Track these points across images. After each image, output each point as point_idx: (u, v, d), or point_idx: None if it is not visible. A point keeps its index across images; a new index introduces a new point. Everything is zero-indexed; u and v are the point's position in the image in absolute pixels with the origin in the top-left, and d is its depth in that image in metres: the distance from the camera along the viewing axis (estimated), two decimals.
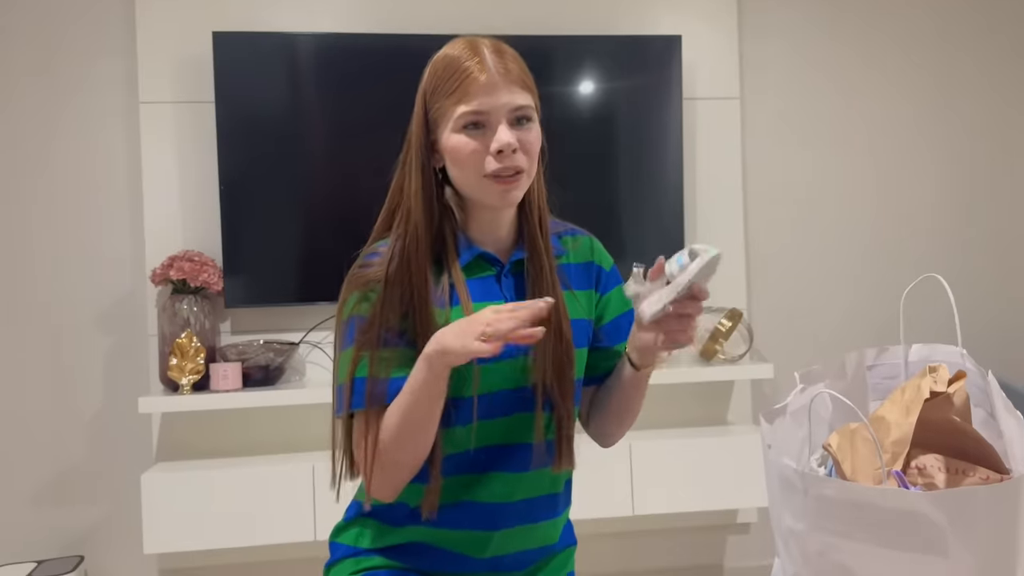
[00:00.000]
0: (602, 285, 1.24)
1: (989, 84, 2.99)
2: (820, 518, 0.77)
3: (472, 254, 1.13)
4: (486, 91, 1.05)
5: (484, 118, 1.06)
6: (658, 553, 2.79)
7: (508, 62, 1.08)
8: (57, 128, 2.54)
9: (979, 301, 2.98)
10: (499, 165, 1.06)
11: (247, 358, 2.45)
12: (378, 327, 1.07)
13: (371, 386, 1.06)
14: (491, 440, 1.13)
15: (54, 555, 2.52)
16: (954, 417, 0.86)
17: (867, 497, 0.73)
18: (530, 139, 1.09)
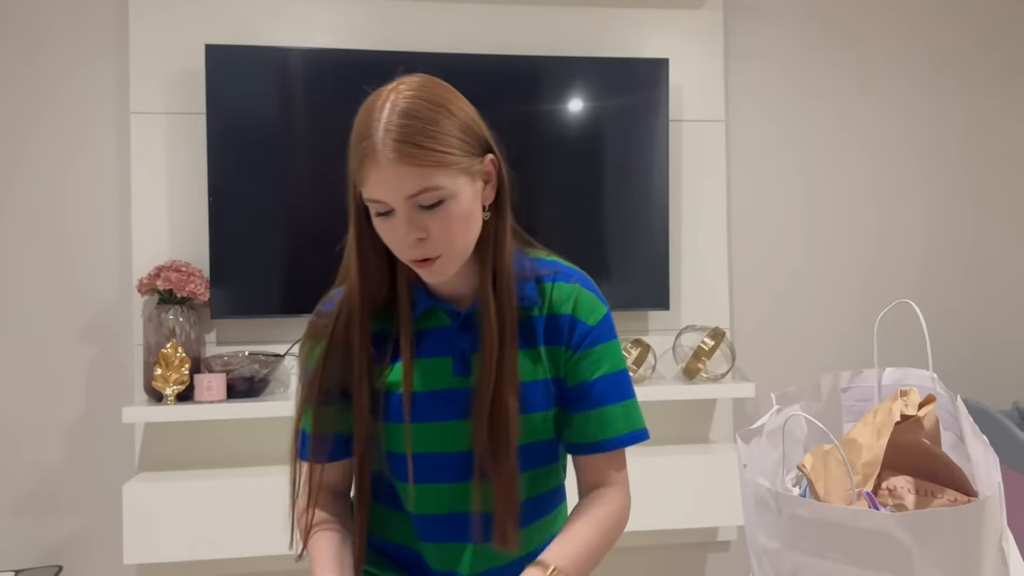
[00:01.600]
0: (575, 341, 1.09)
1: (978, 107, 3.05)
2: (793, 537, 0.80)
3: (426, 305, 1.09)
4: (381, 180, 0.95)
5: (386, 205, 0.97)
6: (640, 571, 2.81)
7: (403, 139, 0.94)
8: (47, 136, 2.54)
9: (961, 326, 3.02)
10: (409, 253, 1.00)
11: (232, 369, 2.45)
12: (319, 383, 1.06)
13: (313, 441, 1.07)
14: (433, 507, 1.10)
15: (32, 564, 2.51)
16: (924, 440, 0.88)
17: (838, 517, 0.75)
18: (443, 222, 0.97)
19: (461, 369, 1.07)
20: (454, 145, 0.97)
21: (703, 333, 2.75)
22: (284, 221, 2.54)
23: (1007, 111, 3.07)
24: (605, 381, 1.09)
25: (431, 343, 1.08)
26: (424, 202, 0.96)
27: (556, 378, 1.10)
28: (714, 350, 2.71)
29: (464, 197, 0.99)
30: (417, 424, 1.07)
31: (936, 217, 3.03)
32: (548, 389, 1.09)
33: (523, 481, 1.10)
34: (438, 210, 0.97)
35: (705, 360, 2.71)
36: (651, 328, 2.81)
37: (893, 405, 0.88)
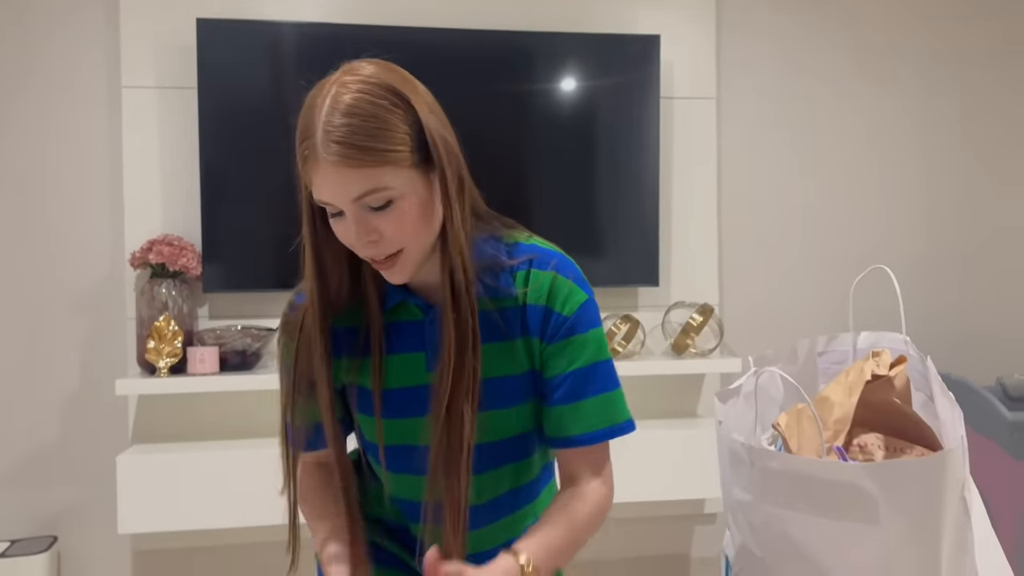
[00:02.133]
0: (549, 332, 1.04)
1: (971, 85, 3.06)
2: (765, 490, 0.82)
3: (397, 299, 1.05)
4: (326, 183, 0.91)
5: (336, 208, 0.94)
6: (627, 543, 2.85)
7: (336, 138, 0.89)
8: (38, 111, 2.55)
9: (951, 304, 3.06)
10: (365, 254, 0.96)
11: (224, 343, 2.47)
12: (294, 376, 1.04)
13: (295, 432, 1.06)
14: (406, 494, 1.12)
15: (27, 535, 2.54)
16: (895, 399, 0.91)
17: (808, 469, 0.78)
18: (389, 222, 0.93)
19: (434, 364, 1.01)
20: (401, 141, 0.91)
21: (692, 309, 2.78)
22: (276, 195, 2.54)
23: (1001, 86, 3.08)
24: (581, 373, 1.03)
25: (403, 338, 1.05)
26: (372, 203, 0.92)
27: (533, 371, 1.06)
28: (702, 326, 2.74)
29: (417, 194, 0.93)
30: (389, 420, 1.06)
31: (928, 196, 3.06)
32: (525, 383, 1.05)
33: (496, 476, 1.09)
34: (389, 211, 0.92)
35: (693, 336, 2.74)
36: (641, 304, 2.84)
37: (865, 365, 0.90)
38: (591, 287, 1.07)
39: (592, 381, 1.04)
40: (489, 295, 1.02)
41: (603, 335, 1.06)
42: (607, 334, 2.66)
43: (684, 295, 2.85)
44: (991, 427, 2.22)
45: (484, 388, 1.02)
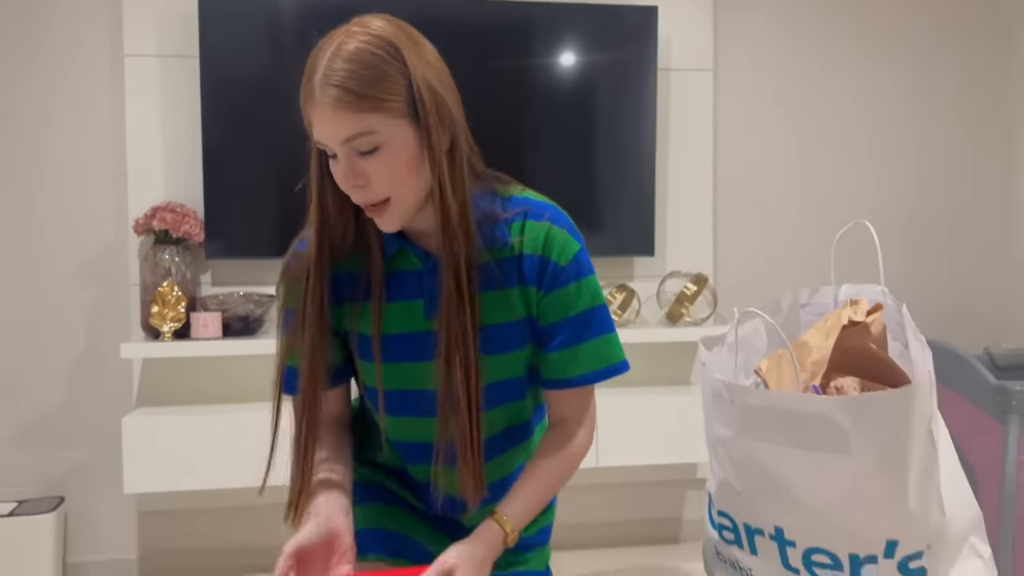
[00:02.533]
0: (547, 281, 1.08)
1: (962, 62, 3.09)
2: (744, 424, 0.87)
3: (395, 247, 1.08)
4: (321, 123, 0.96)
5: (330, 150, 0.99)
6: (620, 506, 2.92)
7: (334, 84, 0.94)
8: (41, 79, 2.57)
9: (941, 276, 3.11)
10: (355, 198, 1.00)
11: (227, 308, 2.52)
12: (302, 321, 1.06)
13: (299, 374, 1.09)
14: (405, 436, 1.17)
15: (35, 495, 2.60)
16: (871, 345, 0.96)
17: (784, 403, 0.83)
18: (377, 167, 0.97)
19: (432, 312, 1.07)
20: (395, 92, 0.95)
21: (686, 279, 2.82)
22: (278, 163, 2.58)
23: (991, 66, 3.11)
24: (579, 319, 1.08)
25: (403, 285, 1.08)
26: (360, 147, 0.96)
27: (529, 318, 1.10)
28: (697, 295, 2.79)
29: (406, 145, 0.97)
30: (389, 364, 1.10)
31: (918, 168, 3.09)
32: (520, 329, 1.09)
33: (492, 416, 1.13)
34: (375, 156, 0.96)
35: (688, 305, 2.79)
36: (636, 274, 2.89)
37: (843, 312, 0.95)
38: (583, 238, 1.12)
39: (589, 326, 1.09)
40: (486, 246, 1.06)
41: (597, 282, 1.11)
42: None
43: (679, 265, 2.89)
44: (977, 393, 2.27)
45: (482, 334, 1.06)
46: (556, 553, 2.82)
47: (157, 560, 2.64)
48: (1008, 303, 3.17)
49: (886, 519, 0.84)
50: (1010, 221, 3.17)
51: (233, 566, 2.68)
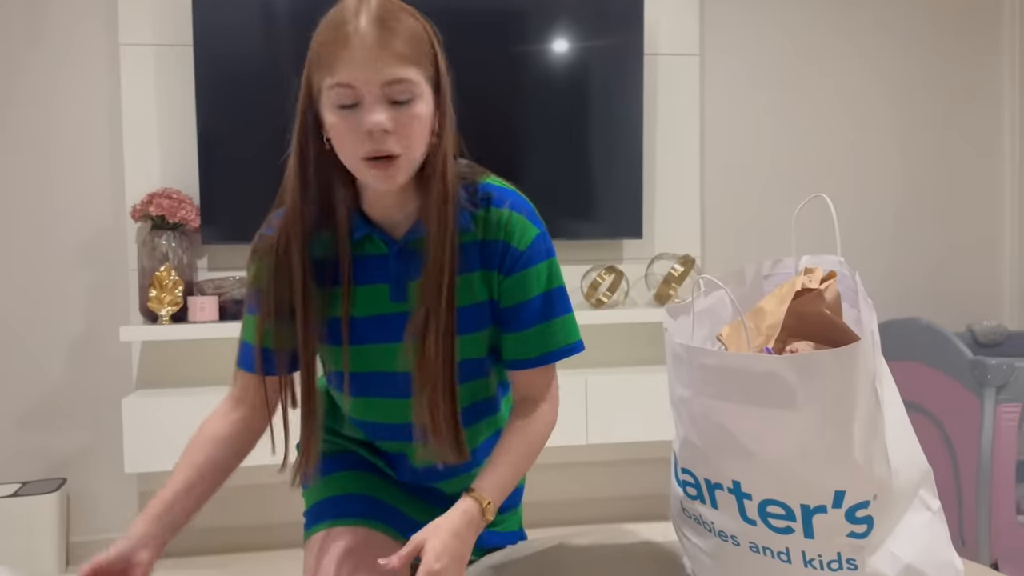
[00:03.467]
0: (507, 266, 1.11)
1: (948, 46, 3.14)
2: (702, 384, 0.93)
3: (363, 232, 1.10)
4: (356, 63, 0.95)
5: (355, 94, 0.97)
6: (610, 482, 2.98)
7: (388, 29, 0.96)
8: (38, 68, 2.62)
9: (926, 256, 3.16)
10: (368, 149, 0.99)
11: (223, 292, 2.58)
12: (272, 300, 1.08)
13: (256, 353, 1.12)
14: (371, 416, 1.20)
15: (38, 477, 2.66)
16: (825, 311, 1.01)
17: (736, 362, 0.88)
18: (409, 120, 0.99)
19: (398, 295, 1.10)
20: (429, 59, 1.01)
21: (674, 260, 2.87)
22: (272, 150, 2.62)
23: (975, 50, 3.16)
24: (539, 301, 1.12)
25: (368, 269, 1.11)
26: (396, 95, 0.97)
27: (490, 300, 1.13)
28: (684, 276, 2.84)
29: (427, 103, 1.01)
30: (356, 347, 1.12)
31: (903, 152, 3.14)
32: (482, 312, 1.13)
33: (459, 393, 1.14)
34: (406, 108, 0.98)
35: (676, 286, 2.84)
36: (625, 256, 2.94)
37: (797, 279, 1.01)
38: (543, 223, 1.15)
39: (549, 306, 1.13)
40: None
41: (556, 264, 1.14)
42: (592, 284, 2.76)
43: (667, 247, 2.95)
44: (955, 367, 2.33)
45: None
46: (544, 529, 2.88)
47: None
48: (992, 282, 3.22)
49: (833, 471, 0.89)
50: (994, 201, 3.22)
51: (231, 544, 2.75)
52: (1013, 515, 2.25)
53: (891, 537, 0.96)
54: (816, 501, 0.91)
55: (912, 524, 0.98)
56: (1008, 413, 2.24)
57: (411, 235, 1.09)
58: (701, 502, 1.02)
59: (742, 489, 0.95)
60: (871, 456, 0.90)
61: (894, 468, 0.92)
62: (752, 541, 0.98)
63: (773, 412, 0.88)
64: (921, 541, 0.98)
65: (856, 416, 0.87)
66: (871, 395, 0.88)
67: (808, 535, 0.93)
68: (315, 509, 1.23)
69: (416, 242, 1.09)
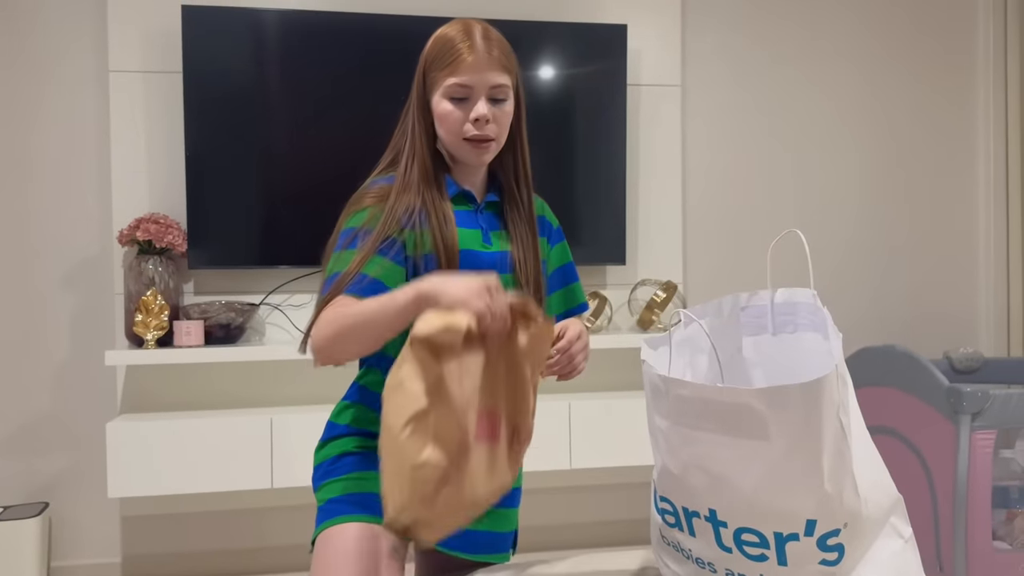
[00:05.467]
0: (553, 238, 1.48)
1: (928, 79, 3.22)
2: (679, 415, 0.96)
3: (455, 190, 1.36)
4: (472, 69, 1.27)
5: (467, 91, 1.28)
6: (595, 507, 3.00)
7: (493, 47, 1.29)
8: (27, 93, 2.64)
9: (902, 284, 3.22)
10: (474, 132, 1.29)
11: (209, 317, 2.59)
12: (377, 238, 1.24)
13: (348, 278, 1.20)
14: None
15: (20, 501, 2.65)
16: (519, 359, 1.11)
17: (709, 394, 0.92)
18: (502, 114, 1.31)
19: (486, 239, 1.36)
20: (513, 63, 1.33)
21: (656, 286, 2.91)
22: (259, 176, 2.66)
23: (955, 79, 3.24)
24: (568, 268, 1.49)
25: (461, 217, 1.35)
26: (497, 95, 1.29)
27: (545, 260, 1.45)
28: (667, 302, 2.88)
29: (512, 103, 1.34)
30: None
31: (883, 181, 3.21)
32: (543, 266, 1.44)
33: None
34: (502, 104, 1.31)
35: (658, 312, 2.88)
36: (609, 282, 2.98)
37: None
38: None
39: (572, 272, 1.49)
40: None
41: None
42: None
43: (650, 273, 2.99)
44: (931, 394, 2.37)
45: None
46: (526, 555, 2.89)
47: (140, 564, 2.70)
48: (968, 309, 3.28)
49: (804, 500, 0.92)
50: (970, 230, 3.29)
51: (214, 569, 2.74)
52: (989, 540, 2.29)
53: (862, 564, 0.99)
54: (788, 529, 0.94)
55: (883, 551, 1.01)
56: (983, 440, 2.28)
57: (488, 199, 1.39)
58: (679, 529, 1.05)
59: (718, 517, 0.98)
60: (840, 485, 0.93)
61: (863, 497, 0.95)
62: (728, 568, 1.01)
63: (746, 442, 0.91)
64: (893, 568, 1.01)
65: (824, 446, 0.90)
66: (837, 425, 0.91)
67: (781, 562, 0.96)
68: (331, 505, 1.26)
69: (491, 205, 1.39)
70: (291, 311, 2.74)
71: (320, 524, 1.25)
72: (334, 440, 1.34)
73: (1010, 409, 2.27)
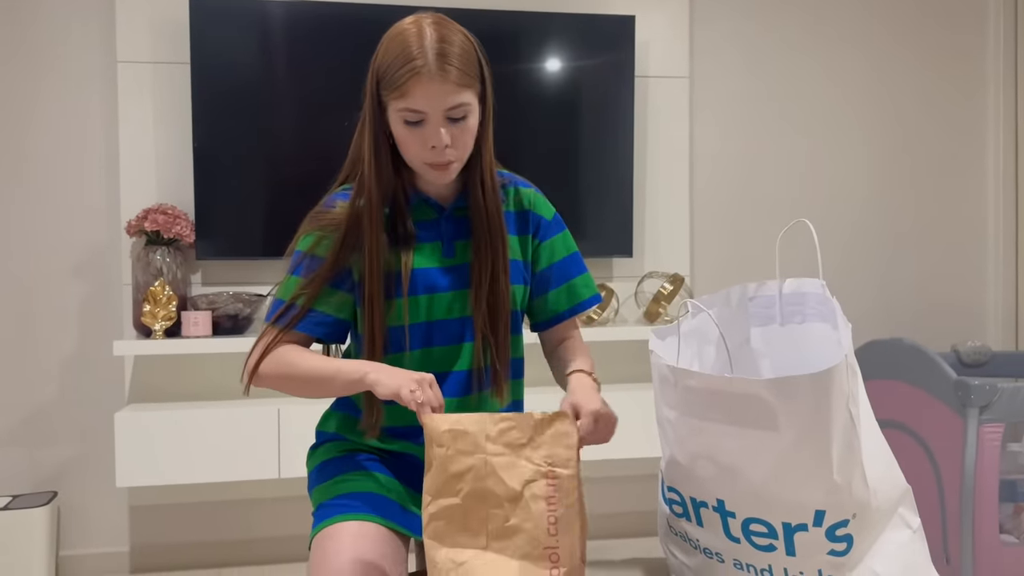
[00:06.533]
0: (540, 233, 1.35)
1: (928, 72, 3.20)
2: (687, 405, 0.96)
3: (417, 199, 1.30)
4: (425, 94, 1.15)
5: (421, 116, 1.17)
6: (603, 499, 3.00)
7: (450, 63, 1.15)
8: (34, 85, 2.65)
9: (910, 277, 3.21)
10: (432, 159, 1.20)
11: (217, 307, 2.59)
12: (328, 269, 1.22)
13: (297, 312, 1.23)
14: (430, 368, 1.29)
15: (28, 490, 2.66)
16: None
17: (718, 385, 0.92)
18: (462, 132, 1.20)
19: (448, 251, 1.29)
20: (478, 77, 1.21)
21: (663, 279, 2.91)
22: (266, 167, 2.66)
23: (964, 70, 3.22)
24: (566, 261, 1.36)
25: (422, 230, 1.29)
26: (455, 115, 1.18)
27: (526, 261, 1.35)
28: (674, 295, 2.87)
29: (476, 115, 1.22)
30: (413, 297, 1.26)
31: (892, 172, 3.20)
32: (518, 268, 1.33)
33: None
34: (462, 124, 1.19)
35: (665, 304, 2.87)
36: (615, 275, 2.97)
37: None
38: None
39: (575, 265, 1.36)
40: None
41: (571, 234, 1.39)
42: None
43: (656, 265, 2.98)
44: (938, 387, 2.36)
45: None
46: None
47: (148, 553, 2.71)
48: (977, 302, 3.27)
49: (813, 490, 0.92)
50: (979, 222, 3.27)
51: (222, 559, 2.75)
52: (996, 534, 2.28)
53: (871, 555, 0.99)
54: (797, 519, 0.94)
55: (892, 542, 1.01)
56: (991, 433, 2.27)
57: (457, 203, 1.30)
58: (687, 520, 1.05)
59: (726, 507, 0.98)
60: (850, 476, 0.93)
61: (872, 488, 0.95)
62: (736, 558, 1.01)
63: (755, 433, 0.91)
64: (901, 559, 1.01)
65: (833, 437, 0.90)
66: (847, 416, 0.91)
67: (790, 552, 0.96)
68: (323, 508, 1.26)
69: (460, 210, 1.30)
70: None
71: (315, 527, 1.26)
72: (322, 447, 1.38)
73: (1018, 402, 2.26)
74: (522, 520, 0.96)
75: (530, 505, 0.96)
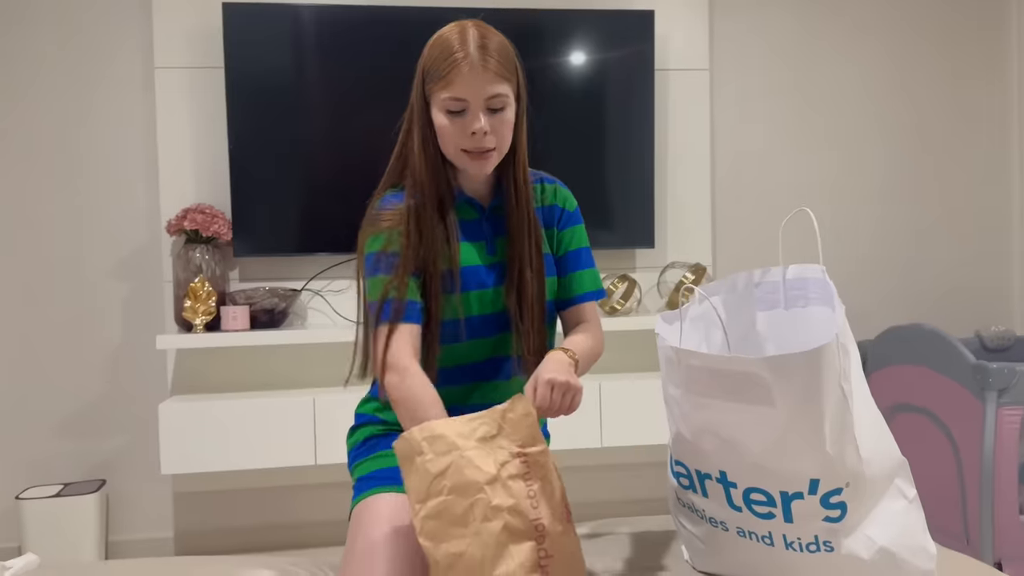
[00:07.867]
0: (561, 222, 1.44)
1: (959, 55, 3.21)
2: (690, 383, 1.03)
3: (461, 199, 1.38)
4: (467, 82, 1.24)
5: (463, 104, 1.26)
6: (623, 485, 3.07)
7: (490, 55, 1.25)
8: (78, 92, 2.77)
9: (934, 263, 3.22)
10: (472, 145, 1.28)
11: (254, 302, 2.70)
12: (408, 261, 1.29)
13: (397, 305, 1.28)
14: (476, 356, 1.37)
15: (79, 478, 2.80)
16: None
17: (718, 364, 0.99)
18: (500, 123, 1.29)
19: (491, 250, 1.37)
20: (516, 74, 1.31)
21: (685, 269, 2.96)
22: (299, 167, 2.76)
23: (985, 53, 3.22)
24: (582, 252, 1.44)
25: (467, 229, 1.36)
26: (494, 105, 1.27)
27: (554, 254, 1.43)
28: (695, 284, 2.93)
29: (513, 109, 1.31)
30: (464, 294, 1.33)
31: (914, 158, 3.21)
32: (550, 261, 1.41)
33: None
34: (500, 114, 1.28)
35: (687, 294, 2.93)
36: (638, 265, 3.04)
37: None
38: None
39: (587, 258, 1.44)
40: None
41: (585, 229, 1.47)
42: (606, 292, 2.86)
43: (678, 256, 3.04)
44: (958, 372, 2.40)
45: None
46: None
47: (191, 538, 2.84)
48: (1001, 287, 3.28)
49: (807, 461, 0.99)
50: (1003, 207, 3.28)
51: (262, 543, 2.87)
52: (1016, 515, 2.32)
53: (866, 521, 1.05)
54: (793, 488, 1.01)
55: (888, 510, 1.08)
56: (1010, 416, 2.31)
57: (494, 202, 1.38)
58: (693, 491, 1.12)
59: (728, 478, 1.05)
60: (842, 447, 0.99)
61: (865, 459, 1.01)
62: (739, 526, 1.08)
63: (753, 408, 0.98)
64: (896, 526, 1.07)
65: (826, 411, 0.97)
66: (839, 392, 0.98)
67: (788, 519, 1.03)
68: (362, 481, 1.36)
69: (498, 208, 1.38)
70: (331, 296, 2.85)
71: (356, 498, 1.35)
72: (361, 427, 1.46)
73: None
74: (504, 499, 1.04)
75: (509, 484, 1.05)
